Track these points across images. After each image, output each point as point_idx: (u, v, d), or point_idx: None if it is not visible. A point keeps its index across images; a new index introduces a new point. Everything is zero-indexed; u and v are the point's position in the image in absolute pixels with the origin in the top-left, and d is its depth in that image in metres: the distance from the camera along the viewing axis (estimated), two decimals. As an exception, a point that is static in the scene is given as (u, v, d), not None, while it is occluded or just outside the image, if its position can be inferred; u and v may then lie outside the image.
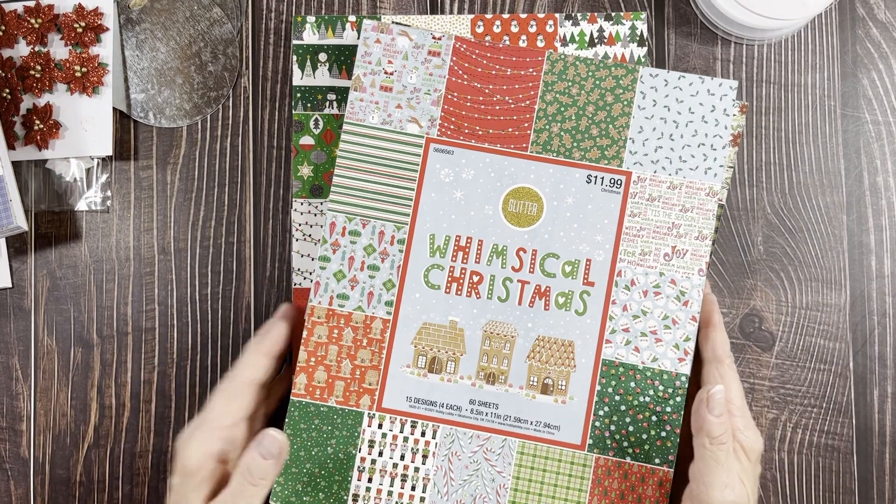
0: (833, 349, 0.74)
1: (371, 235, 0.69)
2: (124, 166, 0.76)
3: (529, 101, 0.70)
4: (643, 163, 0.69)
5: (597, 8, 0.77)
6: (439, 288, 0.69)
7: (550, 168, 0.69)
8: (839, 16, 0.77)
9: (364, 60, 0.70)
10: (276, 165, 0.76)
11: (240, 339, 0.75)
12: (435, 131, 0.70)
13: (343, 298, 0.69)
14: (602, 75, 0.69)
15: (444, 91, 0.70)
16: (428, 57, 0.70)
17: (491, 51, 0.70)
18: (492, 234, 0.69)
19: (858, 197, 0.75)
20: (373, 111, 0.70)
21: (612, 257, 0.68)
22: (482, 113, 0.70)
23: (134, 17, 0.77)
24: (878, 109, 0.76)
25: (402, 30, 0.70)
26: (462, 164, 0.69)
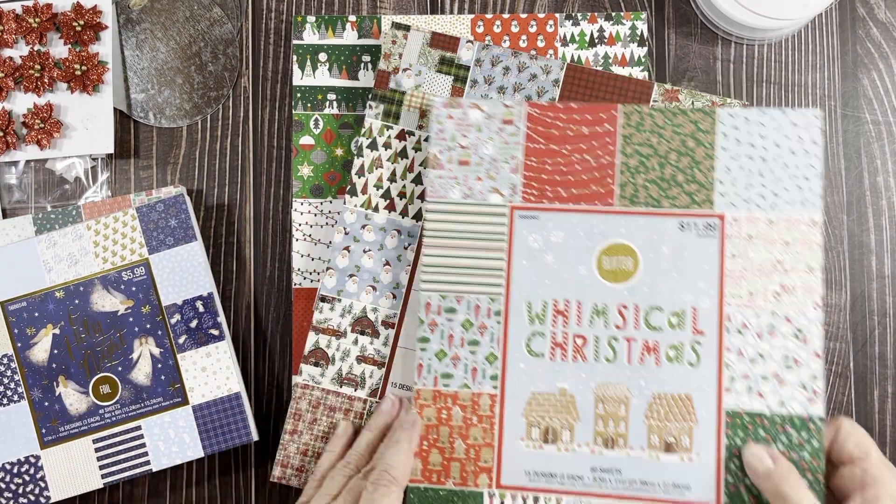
0: (833, 349, 0.74)
1: (467, 310, 0.67)
2: (125, 166, 0.76)
3: (609, 156, 0.68)
4: (736, 203, 0.67)
5: (597, 8, 0.77)
6: (543, 355, 0.67)
7: (640, 220, 0.67)
8: (839, 16, 0.77)
9: (438, 138, 0.69)
10: (276, 165, 0.76)
11: (240, 339, 0.75)
12: (518, 198, 0.68)
13: (447, 377, 0.67)
14: (680, 122, 0.68)
15: (523, 157, 0.68)
16: (502, 126, 0.69)
17: (564, 111, 0.69)
18: (590, 294, 0.67)
19: (858, 197, 0.75)
20: (453, 187, 0.68)
21: (718, 302, 0.66)
22: (563, 174, 0.68)
23: (134, 17, 0.77)
24: (878, 109, 0.76)
25: (473, 103, 0.69)
26: (549, 228, 0.68)
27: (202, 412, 0.71)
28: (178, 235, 0.72)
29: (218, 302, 0.73)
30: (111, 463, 0.70)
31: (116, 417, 0.71)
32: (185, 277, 0.72)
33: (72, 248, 0.72)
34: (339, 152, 0.75)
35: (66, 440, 0.71)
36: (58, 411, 0.71)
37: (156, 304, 0.72)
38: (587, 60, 0.75)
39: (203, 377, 0.71)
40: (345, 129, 0.75)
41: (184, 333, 0.71)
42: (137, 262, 0.72)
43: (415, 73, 0.72)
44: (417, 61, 0.72)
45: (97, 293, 0.72)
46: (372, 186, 0.72)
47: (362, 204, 0.72)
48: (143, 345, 0.71)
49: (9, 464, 0.70)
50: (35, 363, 0.71)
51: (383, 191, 0.72)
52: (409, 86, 0.72)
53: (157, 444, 0.70)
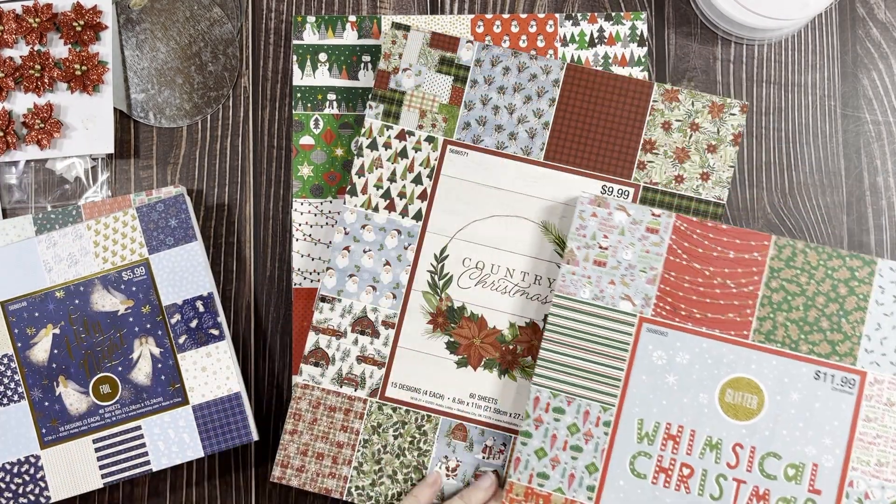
0: (833, 349, 0.74)
1: (576, 414, 0.66)
2: (125, 166, 0.76)
3: (753, 286, 0.66)
4: (881, 363, 0.64)
5: (597, 8, 0.77)
6: (646, 477, 0.65)
7: (774, 360, 0.65)
8: (839, 16, 0.77)
9: (578, 234, 0.67)
10: (276, 165, 0.76)
11: (240, 339, 0.75)
12: (649, 311, 0.66)
13: (543, 478, 0.66)
14: (835, 265, 0.66)
15: (662, 270, 0.67)
16: (646, 234, 0.67)
17: (714, 231, 0.67)
18: (706, 424, 0.65)
19: (858, 197, 0.75)
20: (584, 286, 0.67)
21: (842, 465, 0.63)
22: (701, 295, 0.66)
23: (134, 17, 0.77)
24: (878, 109, 0.76)
25: (620, 205, 0.67)
26: (677, 348, 0.66)
27: (202, 412, 0.71)
28: (178, 235, 0.72)
29: (218, 302, 0.73)
30: (111, 463, 0.70)
31: (116, 417, 0.71)
32: (185, 277, 0.72)
33: (72, 248, 0.72)
34: (339, 152, 0.75)
35: (66, 440, 0.70)
36: (58, 411, 0.71)
37: (156, 304, 0.72)
38: (587, 60, 0.75)
39: (203, 377, 0.71)
40: (345, 129, 0.75)
41: (184, 333, 0.71)
42: (137, 262, 0.72)
43: (415, 73, 0.72)
44: (417, 61, 0.72)
45: (97, 293, 0.72)
46: (372, 186, 0.72)
47: (362, 204, 0.72)
48: (143, 345, 0.71)
49: (9, 464, 0.70)
50: (35, 363, 0.71)
51: (383, 191, 0.72)
52: (409, 86, 0.72)
53: (157, 444, 0.70)
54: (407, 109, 0.72)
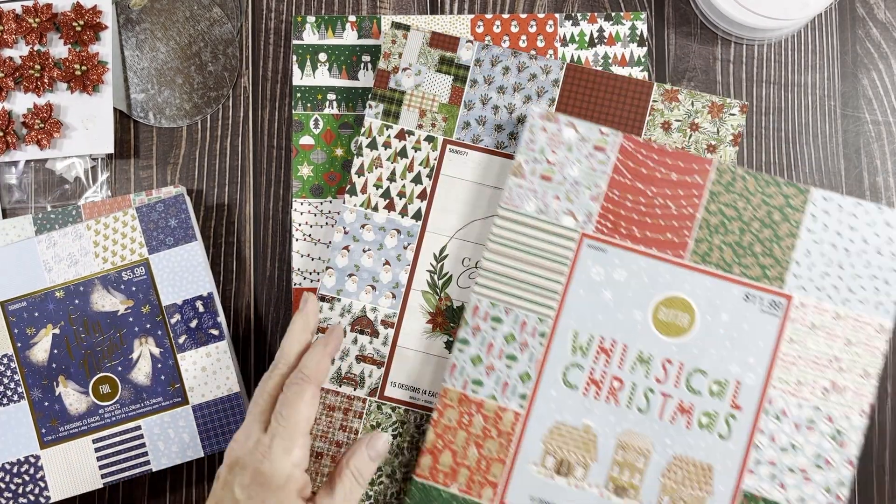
0: (833, 349, 0.74)
1: (513, 324, 0.67)
2: (125, 166, 0.76)
3: (692, 208, 0.67)
4: (807, 288, 0.65)
5: (597, 8, 0.77)
6: (577, 388, 0.66)
7: (707, 280, 0.66)
8: (839, 16, 0.77)
9: (528, 147, 0.68)
10: (276, 165, 0.76)
11: (240, 339, 0.75)
12: (591, 227, 0.67)
13: (477, 384, 0.67)
14: (771, 192, 0.67)
15: (606, 188, 0.67)
16: (593, 151, 0.68)
17: (658, 152, 0.68)
18: (638, 340, 0.66)
19: (858, 197, 0.75)
20: (529, 199, 0.68)
21: (763, 382, 0.65)
22: (642, 215, 0.67)
23: (134, 17, 0.77)
24: (878, 109, 0.76)
25: (570, 121, 0.68)
26: (615, 265, 0.67)
27: (202, 412, 0.71)
28: (178, 235, 0.72)
29: (218, 302, 0.73)
30: (111, 463, 0.70)
31: (116, 417, 0.71)
32: (185, 277, 0.72)
33: (72, 248, 0.72)
34: (338, 152, 0.75)
35: (65, 440, 0.71)
36: (58, 411, 0.71)
37: (156, 303, 0.72)
38: (587, 60, 0.75)
39: (203, 377, 0.71)
40: (345, 129, 0.75)
41: (184, 333, 0.71)
42: (137, 261, 0.72)
43: (414, 73, 0.72)
44: (417, 61, 0.72)
45: (97, 293, 0.72)
46: (371, 186, 0.72)
47: (362, 203, 0.72)
48: (143, 345, 0.71)
49: (9, 464, 0.70)
50: (35, 363, 0.71)
51: (383, 190, 0.72)
52: (408, 85, 0.72)
53: (157, 444, 0.70)
54: (407, 109, 0.72)
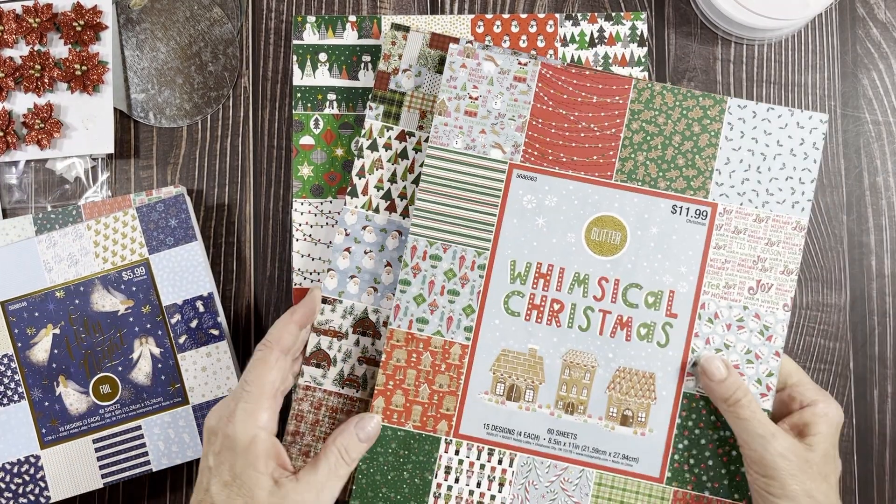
0: (833, 349, 0.74)
1: (452, 260, 0.68)
2: (125, 166, 0.76)
3: (615, 129, 0.69)
4: (729, 195, 0.68)
5: (597, 8, 0.77)
6: (519, 315, 0.68)
7: (635, 197, 0.68)
8: (839, 16, 0.77)
9: (449, 85, 0.69)
10: (276, 165, 0.76)
11: (240, 339, 0.75)
12: (518, 157, 0.68)
13: (422, 322, 0.68)
14: (689, 105, 0.68)
15: (529, 117, 0.69)
16: (514, 83, 0.69)
17: (577, 77, 0.69)
18: (574, 262, 0.68)
19: (858, 197, 0.75)
20: (456, 136, 0.69)
21: (695, 289, 0.67)
22: (567, 140, 0.69)
23: (134, 17, 0.77)
24: (878, 109, 0.76)
25: (489, 55, 0.69)
26: (545, 191, 0.68)
27: (202, 412, 0.71)
28: (178, 235, 0.72)
29: (218, 302, 0.73)
30: (111, 463, 0.70)
31: (116, 417, 0.71)
32: (185, 277, 0.72)
33: (72, 248, 0.72)
34: (339, 152, 0.75)
35: (66, 440, 0.71)
36: (58, 411, 0.71)
37: (156, 304, 0.72)
38: (587, 60, 0.75)
39: (203, 377, 0.71)
40: (345, 129, 0.75)
41: (184, 333, 0.71)
42: (137, 262, 0.72)
43: (415, 74, 0.72)
44: (417, 62, 0.72)
45: (97, 293, 0.72)
46: (373, 187, 0.72)
47: (363, 205, 0.72)
48: (143, 345, 0.71)
49: (9, 464, 0.70)
50: (35, 363, 0.71)
51: (384, 192, 0.72)
52: (408, 87, 0.72)
53: (157, 444, 0.70)
54: (407, 110, 0.72)
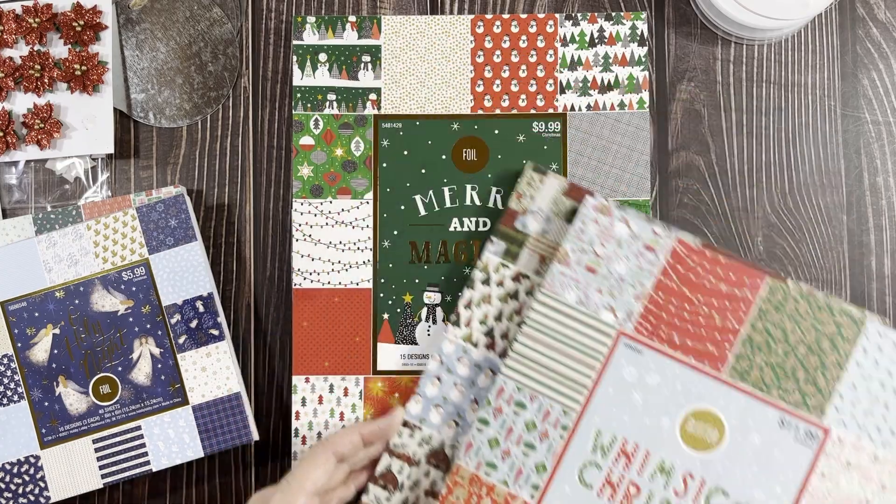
0: (833, 349, 0.74)
1: (536, 412, 0.66)
2: (125, 166, 0.76)
3: (737, 322, 0.66)
4: (848, 424, 0.63)
5: (597, 8, 0.77)
6: (592, 488, 0.65)
7: (743, 399, 0.64)
8: (839, 16, 0.77)
9: (576, 236, 0.67)
10: (276, 165, 0.76)
11: (240, 339, 0.75)
12: (630, 326, 0.66)
13: (491, 467, 0.65)
14: (823, 318, 0.65)
15: (651, 289, 0.66)
16: (643, 250, 0.67)
17: (711, 261, 0.66)
18: (662, 449, 0.65)
19: (858, 197, 0.75)
20: (572, 288, 0.67)
21: None
22: (684, 321, 0.66)
23: (134, 17, 0.77)
24: (878, 109, 0.76)
25: (624, 216, 0.67)
26: (649, 368, 0.65)
27: (202, 412, 0.71)
28: (178, 235, 0.72)
29: (218, 302, 0.73)
30: (111, 463, 0.70)
31: (116, 417, 0.71)
32: (185, 277, 0.72)
33: (72, 248, 0.72)
34: (338, 152, 0.75)
35: (66, 440, 0.71)
36: (58, 411, 0.71)
37: (156, 304, 0.72)
38: (587, 60, 0.75)
39: (203, 377, 0.71)
40: (345, 129, 0.75)
41: (184, 333, 0.71)
42: (137, 262, 0.72)
43: (543, 219, 0.70)
44: (549, 207, 0.71)
45: (97, 293, 0.72)
46: (477, 321, 0.70)
47: (463, 337, 0.70)
48: (143, 345, 0.71)
49: (9, 464, 0.70)
50: (35, 363, 0.71)
51: (487, 328, 0.70)
52: (534, 229, 0.71)
53: (157, 444, 0.70)
54: (528, 253, 0.70)
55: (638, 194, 0.73)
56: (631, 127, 0.74)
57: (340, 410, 0.72)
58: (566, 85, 0.74)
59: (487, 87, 0.75)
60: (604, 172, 0.74)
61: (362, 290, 0.73)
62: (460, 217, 0.74)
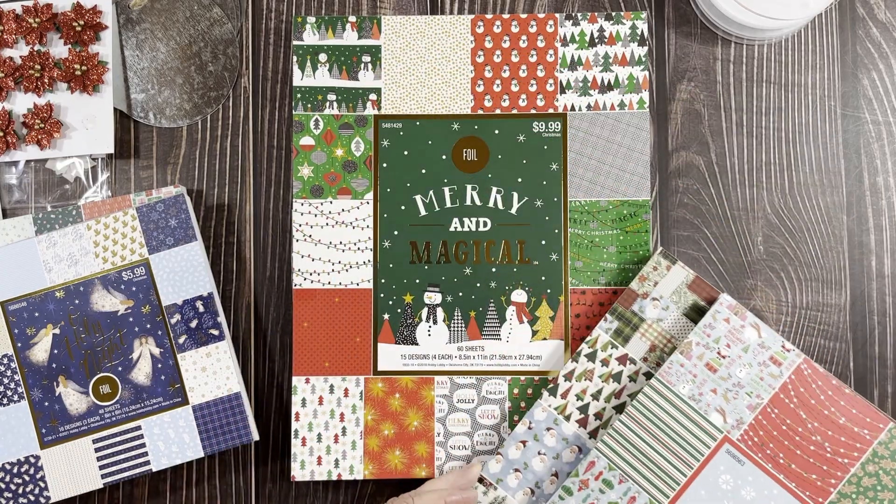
0: (833, 349, 0.74)
1: (622, 495, 0.65)
2: (125, 166, 0.76)
3: (849, 460, 0.65)
4: None
5: (597, 8, 0.77)
6: None
7: None
8: (839, 16, 0.77)
9: (704, 331, 0.67)
10: (276, 165, 0.76)
11: (240, 339, 0.75)
12: (737, 434, 0.65)
13: None
14: None
15: (767, 403, 0.65)
16: (767, 362, 0.66)
17: (835, 390, 0.66)
18: None
19: (858, 197, 0.75)
20: (687, 382, 0.66)
21: None
22: (793, 444, 0.65)
23: (134, 17, 0.77)
24: (878, 109, 0.76)
25: (755, 323, 0.67)
26: (747, 482, 0.64)
27: (202, 412, 0.71)
28: (178, 235, 0.72)
29: (218, 302, 0.73)
30: (111, 463, 0.70)
31: (116, 417, 0.71)
32: (185, 277, 0.72)
33: (72, 248, 0.72)
34: (339, 153, 0.75)
35: (65, 440, 0.70)
36: (58, 411, 0.71)
37: (156, 304, 0.72)
38: (587, 60, 0.75)
39: (203, 377, 0.71)
40: (345, 129, 0.75)
41: (184, 333, 0.71)
42: (137, 262, 0.72)
43: (662, 307, 0.70)
44: (670, 297, 0.70)
45: (97, 293, 0.72)
46: (573, 395, 0.70)
47: (557, 407, 0.70)
48: (143, 345, 0.71)
49: (9, 464, 0.70)
50: (35, 363, 0.71)
51: (582, 404, 0.70)
52: (651, 316, 0.70)
53: (157, 444, 0.70)
54: (640, 337, 0.70)
55: (638, 194, 0.73)
56: (631, 127, 0.74)
57: (340, 411, 0.72)
58: (566, 85, 0.75)
59: (487, 87, 0.75)
60: (604, 172, 0.74)
61: (363, 291, 0.73)
62: (461, 217, 0.74)
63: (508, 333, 0.72)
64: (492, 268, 0.73)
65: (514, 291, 0.73)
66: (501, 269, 0.73)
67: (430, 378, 0.72)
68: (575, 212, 0.73)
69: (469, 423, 0.72)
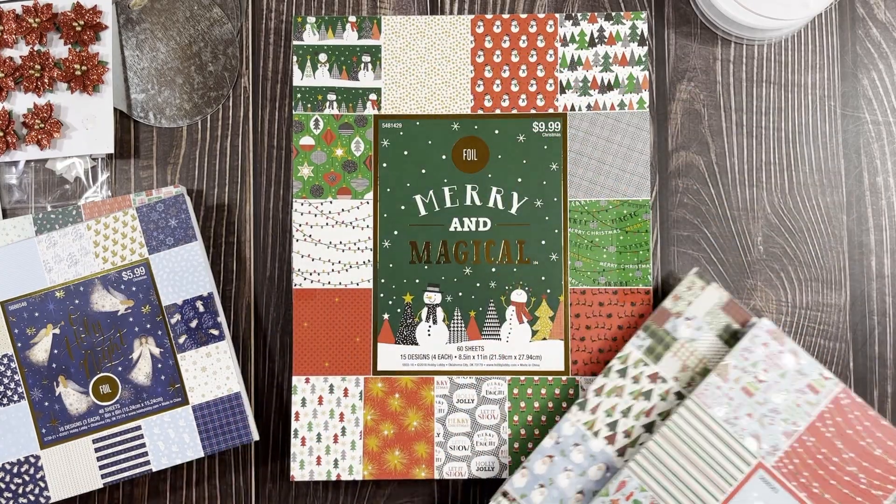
0: (833, 349, 0.74)
1: None
2: (125, 166, 0.76)
3: (883, 492, 0.64)
4: None
5: (597, 8, 0.77)
6: None
7: None
8: (839, 16, 0.77)
9: (741, 355, 0.66)
10: (276, 165, 0.76)
11: (240, 339, 0.75)
12: (772, 461, 0.65)
13: None
14: None
15: (803, 430, 0.65)
16: (805, 388, 0.65)
17: (872, 421, 0.65)
18: None
19: (858, 197, 0.75)
20: (723, 404, 0.66)
21: None
22: (828, 474, 0.64)
23: (134, 17, 0.77)
24: (878, 109, 0.76)
25: (794, 349, 0.66)
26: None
27: (202, 412, 0.71)
28: (178, 235, 0.72)
29: (218, 302, 0.73)
30: (111, 463, 0.70)
31: (116, 417, 0.71)
32: (185, 277, 0.72)
33: (72, 248, 0.72)
34: (339, 153, 0.75)
35: (66, 440, 0.71)
36: (58, 411, 0.71)
37: (156, 304, 0.72)
38: (587, 60, 0.75)
39: (203, 377, 0.71)
40: (345, 129, 0.75)
41: (184, 333, 0.71)
42: (137, 262, 0.72)
43: (695, 327, 0.70)
44: (703, 317, 0.70)
45: (97, 293, 0.72)
46: (603, 411, 0.69)
47: (585, 422, 0.69)
48: (143, 345, 0.71)
49: (9, 464, 0.70)
50: (35, 363, 0.71)
51: (611, 421, 0.69)
52: (683, 336, 0.70)
53: (157, 444, 0.70)
54: (671, 356, 0.69)
55: (638, 194, 0.73)
56: (631, 127, 0.74)
57: (340, 411, 0.72)
58: (566, 85, 0.75)
59: (487, 86, 0.75)
60: (604, 172, 0.74)
61: (362, 291, 0.73)
62: (461, 217, 0.74)
63: (508, 333, 0.72)
64: (492, 268, 0.73)
65: (513, 291, 0.73)
66: (501, 269, 0.73)
67: (429, 378, 0.72)
68: (575, 212, 0.73)
69: (469, 424, 0.72)
